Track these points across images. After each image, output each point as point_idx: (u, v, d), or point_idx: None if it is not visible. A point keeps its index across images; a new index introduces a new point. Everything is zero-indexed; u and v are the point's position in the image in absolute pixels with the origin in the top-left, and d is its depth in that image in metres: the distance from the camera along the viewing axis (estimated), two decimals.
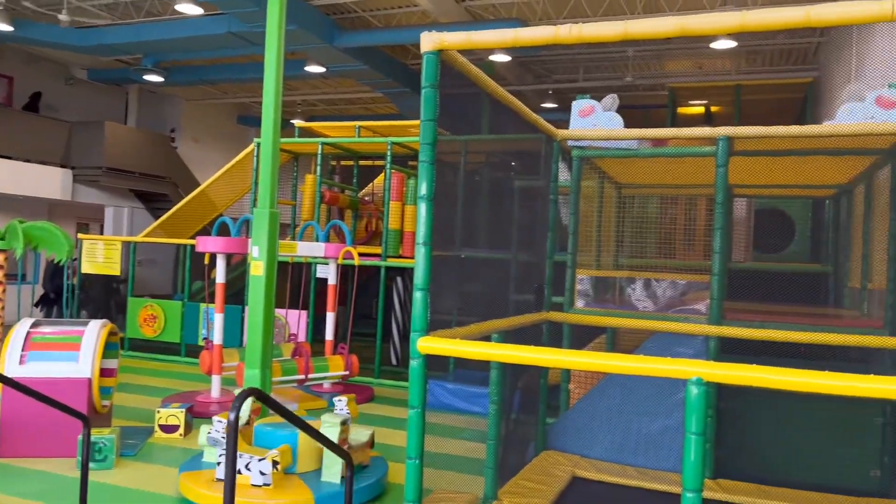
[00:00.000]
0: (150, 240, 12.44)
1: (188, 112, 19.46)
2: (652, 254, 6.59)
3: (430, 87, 3.03)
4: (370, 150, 11.85)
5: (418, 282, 3.03)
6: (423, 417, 3.01)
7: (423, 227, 3.03)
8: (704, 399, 2.50)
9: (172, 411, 6.79)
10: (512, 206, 4.39)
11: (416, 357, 2.99)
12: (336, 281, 9.13)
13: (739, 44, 12.11)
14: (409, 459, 2.99)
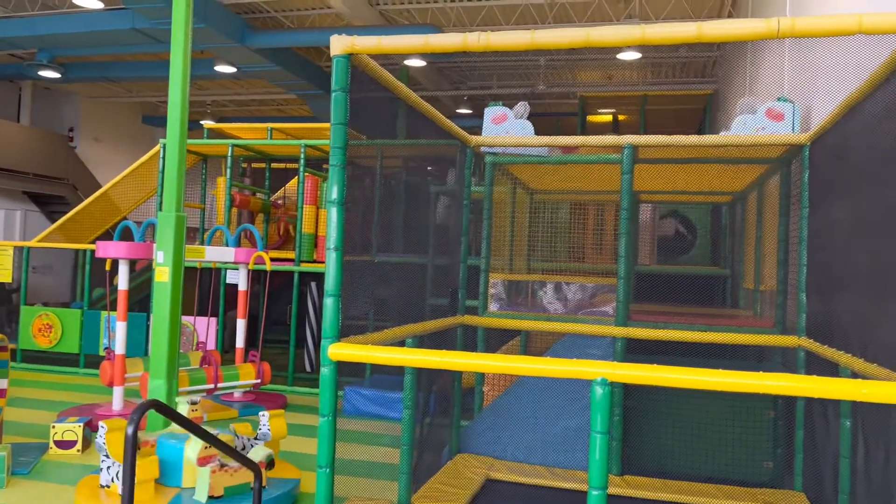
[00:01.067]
0: (45, 245, 11.76)
1: (88, 110, 18.51)
2: (563, 258, 6.76)
3: (341, 90, 3.00)
4: (283, 153, 11.62)
5: (329, 287, 2.99)
6: (335, 425, 2.97)
7: (333, 231, 3.00)
8: (609, 399, 2.58)
9: (69, 426, 6.42)
10: (426, 211, 4.40)
11: (328, 364, 2.95)
12: (247, 287, 8.90)
13: (644, 56, 12.63)
14: (319, 468, 2.94)
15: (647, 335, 4.76)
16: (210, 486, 4.65)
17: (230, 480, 4.73)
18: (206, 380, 7.91)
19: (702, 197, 8.52)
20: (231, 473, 4.74)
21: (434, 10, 11.69)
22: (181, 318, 7.01)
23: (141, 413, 2.24)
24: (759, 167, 5.66)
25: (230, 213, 10.68)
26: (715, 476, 4.89)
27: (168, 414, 2.42)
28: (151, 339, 6.95)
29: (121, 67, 14.96)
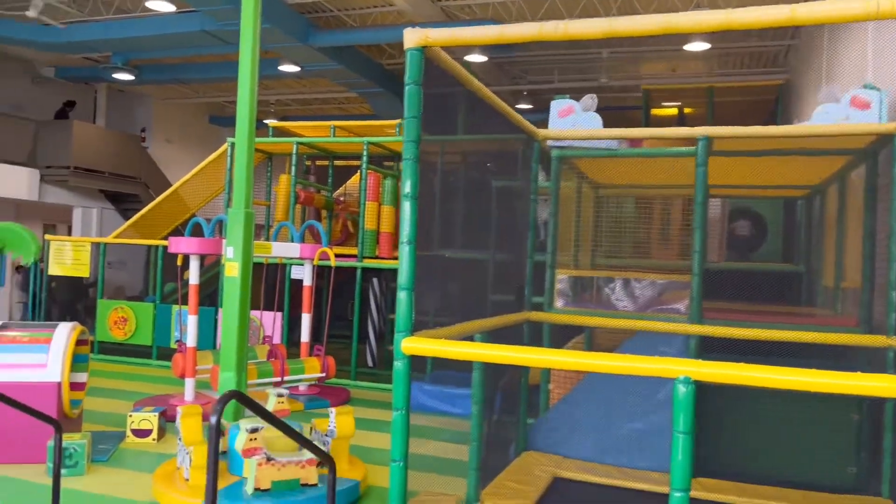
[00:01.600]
0: (120, 241, 12.20)
1: (159, 111, 19.15)
2: (630, 254, 6.62)
3: (414, 84, 2.98)
4: (346, 150, 11.76)
5: (402, 281, 2.98)
6: (408, 419, 2.97)
7: (407, 225, 2.99)
8: (693, 398, 2.50)
9: (145, 415, 6.65)
10: (493, 206, 4.36)
11: (401, 358, 2.94)
12: (312, 282, 9.03)
13: (712, 46, 12.25)
14: (393, 462, 2.94)
15: (723, 333, 4.61)
16: (256, 479, 4.66)
17: (277, 475, 4.70)
18: (274, 373, 8.07)
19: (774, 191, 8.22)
20: (279, 468, 4.73)
21: (496, 4, 11.62)
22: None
23: (224, 403, 2.27)
24: (839, 159, 5.41)
25: (294, 209, 10.87)
26: (793, 480, 4.70)
27: (249, 404, 2.45)
28: (221, 332, 7.12)
29: (190, 69, 15.41)
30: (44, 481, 5.35)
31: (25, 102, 16.25)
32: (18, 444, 5.74)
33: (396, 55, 14.62)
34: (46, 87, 16.79)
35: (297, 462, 4.73)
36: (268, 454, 4.79)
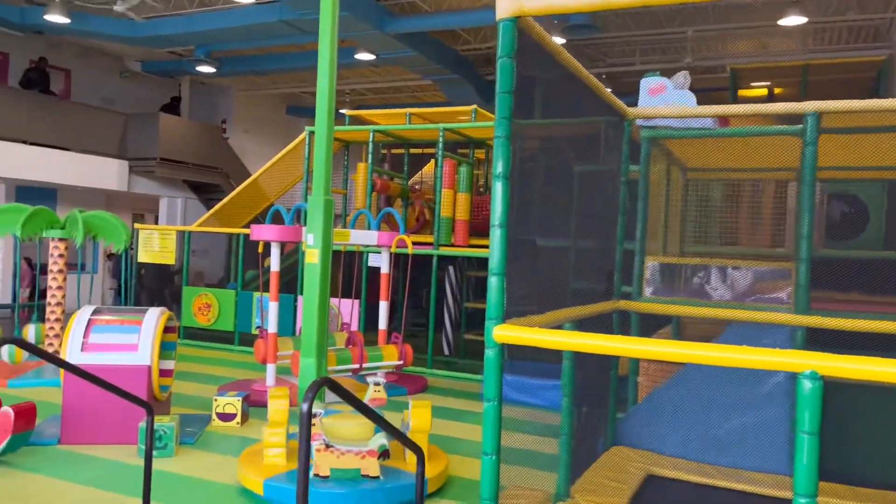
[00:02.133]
0: (204, 229, 12.54)
1: (239, 103, 19.62)
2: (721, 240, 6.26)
3: (507, 57, 2.81)
4: (421, 138, 11.68)
5: (493, 266, 2.83)
6: (500, 411, 2.82)
7: (499, 207, 2.83)
8: (820, 394, 2.25)
9: (229, 400, 6.75)
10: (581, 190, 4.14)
11: (492, 346, 2.79)
12: (389, 270, 9.01)
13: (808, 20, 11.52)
14: (485, 455, 2.80)
15: (836, 325, 4.25)
16: (315, 465, 4.64)
17: (336, 462, 4.70)
18: (352, 360, 8.09)
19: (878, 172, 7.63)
20: (338, 456, 4.71)
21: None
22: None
23: (316, 390, 2.18)
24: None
25: (372, 197, 10.88)
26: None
27: (339, 391, 2.36)
28: (302, 319, 7.17)
29: (268, 60, 15.68)
30: (135, 462, 5.50)
31: (115, 96, 16.93)
32: (110, 426, 5.92)
33: (471, 40, 14.44)
34: (134, 81, 17.44)
35: (356, 452, 4.69)
36: (326, 441, 4.78)
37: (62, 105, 14.36)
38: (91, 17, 12.95)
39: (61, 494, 4.77)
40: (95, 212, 9.25)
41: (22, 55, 15.03)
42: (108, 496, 4.77)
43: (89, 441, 5.89)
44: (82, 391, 5.85)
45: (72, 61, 16.06)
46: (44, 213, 8.71)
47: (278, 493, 4.65)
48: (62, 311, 8.93)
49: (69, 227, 8.81)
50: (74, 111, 14.41)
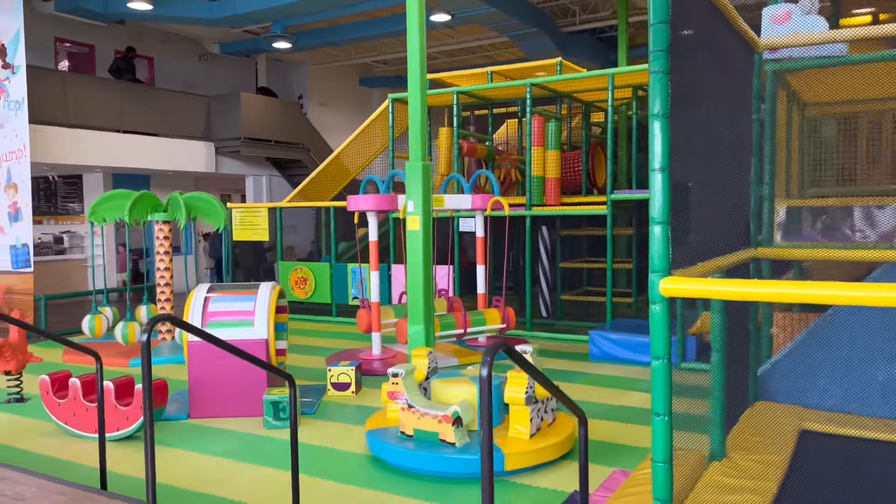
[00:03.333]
0: (294, 205, 12.70)
1: (314, 77, 19.72)
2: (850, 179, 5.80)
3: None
4: (504, 97, 11.38)
5: (656, 214, 2.62)
6: (670, 369, 2.63)
7: (659, 149, 2.61)
8: None
9: (343, 369, 6.81)
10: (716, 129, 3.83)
11: (659, 301, 2.59)
12: (485, 233, 8.86)
13: None
14: (656, 416, 2.63)
15: None
16: (402, 423, 4.86)
17: (417, 423, 4.78)
18: (456, 325, 8.04)
19: None
20: (418, 417, 4.76)
21: None
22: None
23: (493, 354, 2.06)
24: None
25: (458, 161, 10.71)
26: None
27: (513, 356, 2.23)
28: (407, 286, 7.13)
29: (340, 31, 15.63)
30: (263, 433, 5.61)
31: (195, 80, 17.28)
32: (234, 400, 6.06)
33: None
34: (212, 63, 17.74)
35: (433, 415, 4.71)
36: (408, 401, 4.84)
37: (150, 92, 14.74)
38: (172, 3, 13.17)
39: (198, 466, 4.89)
40: (194, 193, 9.46)
41: (106, 45, 15.48)
42: (245, 466, 4.87)
43: (215, 415, 6.05)
44: (207, 367, 6.00)
45: (154, 48, 16.45)
46: (148, 197, 8.96)
47: (376, 444, 4.90)
48: (171, 291, 9.22)
49: (172, 209, 9.04)
50: (161, 97, 14.77)
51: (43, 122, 11.57)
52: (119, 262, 15.26)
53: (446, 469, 4.55)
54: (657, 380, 2.64)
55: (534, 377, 2.43)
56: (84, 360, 8.18)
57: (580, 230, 11.23)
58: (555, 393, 2.57)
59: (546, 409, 4.90)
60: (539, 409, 4.79)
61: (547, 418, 4.92)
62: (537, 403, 4.76)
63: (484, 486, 2.02)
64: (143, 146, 13.90)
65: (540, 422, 4.81)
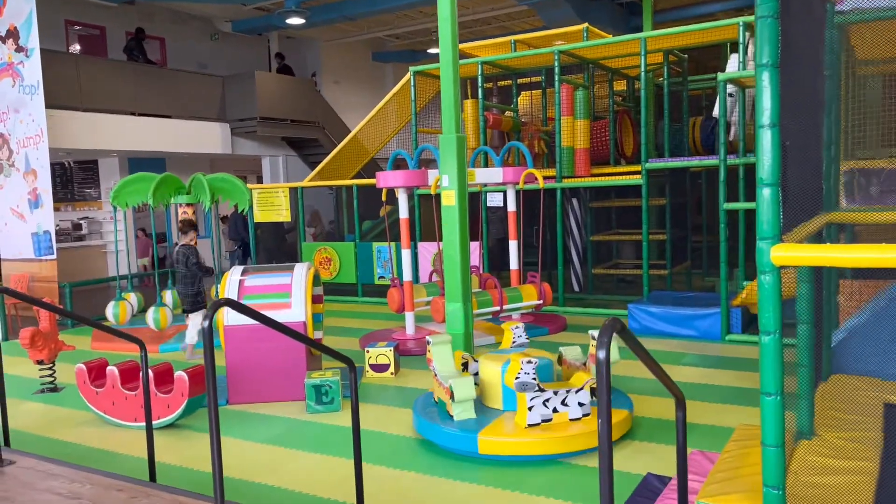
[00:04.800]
0: (316, 184, 12.48)
1: (327, 54, 19.37)
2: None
3: None
4: (529, 66, 11.04)
5: (764, 175, 2.38)
6: (781, 346, 2.40)
7: (768, 103, 2.35)
8: None
9: (382, 350, 6.63)
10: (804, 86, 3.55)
11: (769, 270, 2.36)
12: (518, 207, 8.61)
13: None
14: (767, 396, 2.41)
15: None
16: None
17: (437, 391, 5.04)
18: (493, 302, 7.83)
19: None
20: (438, 385, 4.94)
21: None
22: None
23: (610, 335, 1.84)
24: None
25: (485, 134, 10.42)
26: None
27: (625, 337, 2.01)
28: (444, 264, 6.91)
29: (353, 5, 15.25)
30: (306, 418, 5.44)
31: (207, 60, 16.98)
32: (273, 385, 5.89)
33: None
34: (224, 42, 17.42)
35: (442, 385, 4.86)
36: (435, 370, 4.97)
37: (163, 73, 14.47)
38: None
39: (246, 454, 4.73)
40: (216, 174, 9.25)
41: (117, 27, 15.19)
42: (294, 453, 4.71)
43: (255, 400, 5.89)
44: (246, 352, 5.83)
45: (165, 28, 16.15)
46: (171, 179, 8.76)
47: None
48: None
49: (196, 191, 8.84)
50: (175, 78, 14.50)
51: (57, 107, 11.34)
52: (140, 247, 15.11)
53: (444, 444, 4.62)
54: (767, 357, 2.42)
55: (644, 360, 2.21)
56: (114, 346, 8.06)
57: (609, 202, 10.95)
58: (658, 374, 2.35)
59: (566, 401, 4.49)
60: (550, 400, 4.46)
61: (567, 411, 4.50)
62: (545, 393, 4.46)
63: (603, 474, 1.80)
64: (158, 129, 13.68)
65: (551, 413, 4.46)
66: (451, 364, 5.01)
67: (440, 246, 8.60)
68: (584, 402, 4.50)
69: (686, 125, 11.15)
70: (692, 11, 16.22)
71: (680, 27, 9.08)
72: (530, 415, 4.39)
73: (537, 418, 4.41)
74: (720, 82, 7.38)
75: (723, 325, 7.52)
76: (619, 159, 10.57)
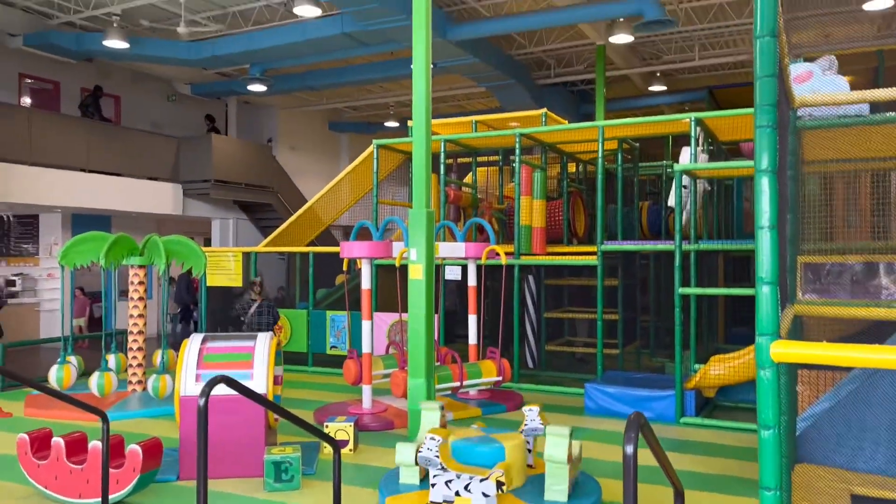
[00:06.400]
0: (269, 249, 12.32)
1: (283, 121, 19.51)
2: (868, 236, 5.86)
3: (769, 35, 2.48)
4: (489, 146, 11.37)
5: (763, 273, 2.49)
6: (781, 440, 2.47)
7: (766, 206, 2.50)
8: None
9: (341, 426, 6.46)
10: None
11: (769, 367, 2.45)
12: (478, 282, 8.69)
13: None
14: (766, 491, 2.45)
15: None
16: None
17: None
18: (453, 377, 7.77)
19: None
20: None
21: None
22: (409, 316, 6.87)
23: (637, 430, 1.86)
24: None
25: (445, 209, 10.58)
26: None
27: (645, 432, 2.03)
28: (409, 337, 6.87)
29: (315, 76, 15.52)
30: (263, 496, 5.21)
31: (163, 120, 16.85)
32: (228, 459, 5.65)
33: (526, 44, 14.14)
34: (182, 104, 17.36)
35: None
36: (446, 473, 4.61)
37: (116, 131, 14.26)
38: (149, 41, 12.86)
39: None
40: (171, 236, 9.05)
41: (72, 83, 14.98)
42: None
43: (209, 475, 5.60)
44: None
45: (121, 87, 16.01)
46: (125, 240, 8.53)
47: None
48: (144, 339, 8.72)
49: (150, 253, 8.62)
50: (129, 137, 14.30)
51: (7, 160, 10.99)
52: (77, 306, 14.48)
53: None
54: (767, 452, 2.48)
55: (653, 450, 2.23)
56: (51, 413, 7.63)
57: (563, 280, 11.17)
58: (665, 467, 2.37)
59: (469, 487, 4.44)
60: (453, 482, 4.48)
61: (470, 498, 4.44)
62: (447, 473, 4.48)
63: None
64: (107, 186, 13.37)
65: (453, 495, 4.45)
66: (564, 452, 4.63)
67: (401, 317, 8.56)
68: (488, 494, 4.33)
69: (636, 209, 11.60)
70: (638, 102, 17.15)
71: (636, 118, 9.55)
72: (433, 491, 4.36)
73: (439, 497, 4.39)
74: (676, 172, 7.75)
75: (677, 408, 7.64)
76: (571, 238, 10.87)
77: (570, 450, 4.47)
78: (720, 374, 7.41)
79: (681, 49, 14.48)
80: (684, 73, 15.85)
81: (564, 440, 4.36)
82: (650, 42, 14.15)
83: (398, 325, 10.15)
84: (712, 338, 10.34)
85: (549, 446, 4.49)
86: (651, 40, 13.99)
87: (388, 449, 6.53)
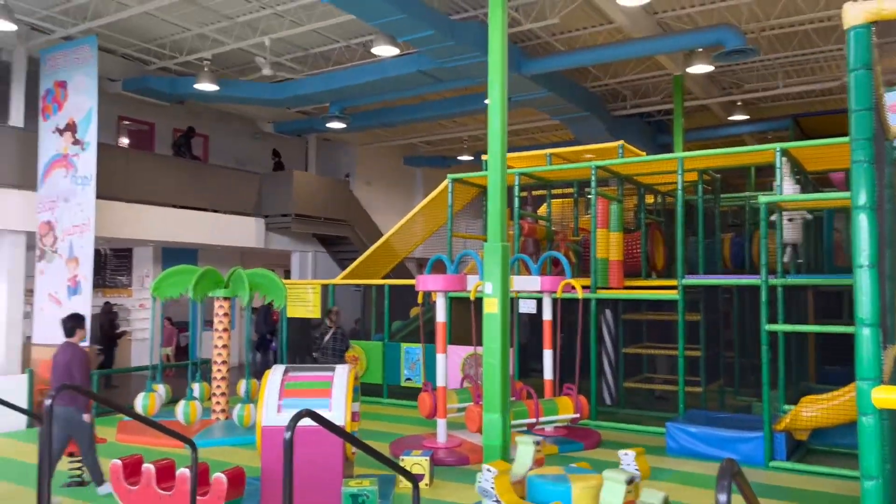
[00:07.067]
0: (347, 282, 12.59)
1: (361, 156, 20.02)
2: None
3: (864, 68, 2.40)
4: (563, 178, 11.32)
5: (864, 314, 2.37)
6: (886, 491, 2.32)
7: (865, 244, 2.38)
8: None
9: (417, 459, 6.46)
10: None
11: (871, 413, 2.31)
12: (553, 316, 8.59)
13: None
14: None
15: None
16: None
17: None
18: (528, 413, 7.68)
19: None
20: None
21: (721, 9, 10.75)
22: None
23: (731, 479, 1.78)
24: None
25: (519, 242, 10.56)
26: None
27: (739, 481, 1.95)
28: (484, 371, 6.84)
29: (390, 113, 15.91)
30: None
31: (246, 157, 17.60)
32: (310, 490, 5.71)
33: (601, 76, 14.09)
34: (265, 141, 18.11)
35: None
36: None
37: (204, 169, 14.98)
38: (236, 83, 13.53)
39: None
40: (255, 269, 9.37)
41: (166, 124, 15.89)
42: None
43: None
44: (281, 455, 5.68)
45: (209, 126, 16.86)
46: (212, 273, 8.88)
47: None
48: (227, 369, 9.01)
49: (234, 285, 8.94)
50: (215, 174, 15.00)
51: (106, 198, 11.69)
52: (165, 335, 15.13)
53: None
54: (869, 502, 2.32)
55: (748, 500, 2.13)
56: (141, 439, 7.94)
57: (642, 314, 10.89)
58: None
59: None
60: None
61: None
62: None
63: None
64: (196, 221, 14.02)
65: None
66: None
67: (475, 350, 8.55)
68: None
69: (718, 242, 11.26)
70: (718, 132, 16.74)
71: (717, 150, 9.33)
72: None
73: None
74: (762, 204, 7.49)
75: (766, 451, 7.28)
76: (650, 272, 10.62)
77: (630, 496, 4.30)
78: (814, 417, 7.02)
79: (763, 77, 14.10)
80: (767, 101, 15.40)
81: (621, 486, 4.20)
82: (730, 71, 13.85)
83: (472, 359, 10.12)
84: (802, 377, 9.83)
85: (604, 491, 4.36)
86: (731, 69, 13.69)
87: (463, 484, 6.49)
